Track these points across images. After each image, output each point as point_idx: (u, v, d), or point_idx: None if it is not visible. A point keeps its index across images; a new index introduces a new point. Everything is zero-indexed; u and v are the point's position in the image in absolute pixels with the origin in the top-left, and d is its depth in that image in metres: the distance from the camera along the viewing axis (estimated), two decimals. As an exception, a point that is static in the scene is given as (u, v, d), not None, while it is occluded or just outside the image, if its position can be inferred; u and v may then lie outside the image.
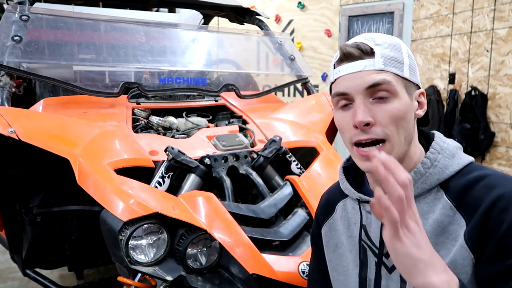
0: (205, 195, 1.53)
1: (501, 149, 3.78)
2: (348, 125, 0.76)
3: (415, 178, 0.76)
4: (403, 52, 0.77)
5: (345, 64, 0.77)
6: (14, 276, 2.83)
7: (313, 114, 2.32)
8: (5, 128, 1.47)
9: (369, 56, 0.75)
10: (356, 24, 4.69)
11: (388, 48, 0.76)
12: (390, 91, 0.73)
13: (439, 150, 0.78)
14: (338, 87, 0.78)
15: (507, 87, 3.64)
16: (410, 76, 0.76)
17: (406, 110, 0.74)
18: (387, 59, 0.74)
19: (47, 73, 1.95)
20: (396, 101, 0.73)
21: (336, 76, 0.79)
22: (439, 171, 0.76)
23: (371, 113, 0.73)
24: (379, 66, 0.74)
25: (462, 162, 0.77)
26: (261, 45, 2.83)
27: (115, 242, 1.33)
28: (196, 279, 1.40)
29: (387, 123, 0.73)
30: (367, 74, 0.74)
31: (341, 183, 0.91)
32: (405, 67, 0.76)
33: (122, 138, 1.72)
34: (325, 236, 0.96)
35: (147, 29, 2.33)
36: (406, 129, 0.75)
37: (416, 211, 0.61)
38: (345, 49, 0.76)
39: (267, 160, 1.82)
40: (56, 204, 1.79)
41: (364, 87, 0.73)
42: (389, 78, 0.73)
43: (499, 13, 3.63)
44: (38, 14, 1.98)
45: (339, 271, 0.91)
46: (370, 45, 0.75)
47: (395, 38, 0.79)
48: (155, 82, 2.33)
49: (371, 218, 0.83)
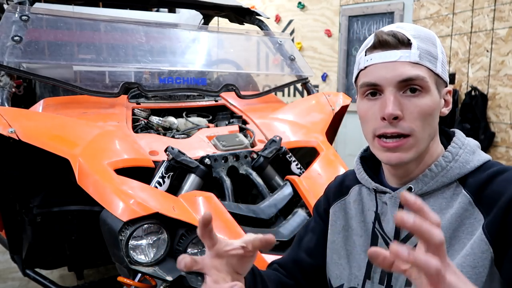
0: (205, 195, 1.53)
1: (501, 149, 3.78)
2: (373, 115, 0.74)
3: (436, 172, 0.75)
4: (438, 47, 0.75)
5: (379, 52, 0.73)
6: (14, 276, 2.83)
7: (313, 114, 2.32)
8: (5, 128, 1.47)
9: (405, 47, 0.72)
10: (356, 24, 4.69)
11: (424, 41, 0.73)
12: (422, 87, 0.71)
13: (460, 145, 0.77)
14: (369, 76, 0.74)
15: (507, 87, 3.64)
16: (442, 72, 0.75)
17: (435, 107, 0.73)
18: (423, 52, 0.72)
19: (47, 73, 1.95)
20: (427, 97, 0.72)
21: (368, 64, 0.74)
22: (460, 165, 0.75)
23: (401, 106, 0.71)
24: (415, 59, 0.71)
25: (481, 159, 0.76)
26: (261, 45, 2.83)
27: (115, 242, 1.33)
28: (196, 279, 1.40)
29: (415, 118, 0.71)
30: (401, 66, 0.71)
31: (357, 173, 0.89)
32: (438, 62, 0.74)
33: (122, 138, 1.72)
34: (333, 215, 0.92)
35: (147, 29, 2.33)
36: (432, 126, 0.74)
37: (449, 262, 0.48)
38: (381, 36, 0.73)
39: (267, 160, 1.82)
40: (56, 204, 1.79)
41: (398, 79, 0.71)
42: (423, 74, 0.71)
43: (499, 13, 3.63)
44: (38, 14, 1.98)
45: (340, 254, 0.88)
46: (407, 35, 0.72)
47: (430, 31, 0.77)
48: (155, 82, 2.34)
49: (386, 209, 0.81)
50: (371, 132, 0.75)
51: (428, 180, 0.75)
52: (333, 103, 2.35)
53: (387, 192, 0.80)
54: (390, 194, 0.80)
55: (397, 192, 0.78)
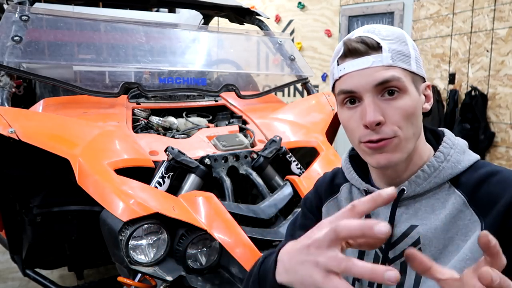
0: (205, 195, 1.53)
1: (501, 149, 3.78)
2: (356, 124, 0.73)
3: (428, 172, 0.74)
4: (409, 44, 0.74)
5: (351, 60, 0.72)
6: (14, 276, 2.83)
7: (313, 114, 2.32)
8: (5, 128, 1.47)
9: (375, 52, 0.71)
10: (356, 24, 4.69)
11: (394, 41, 0.72)
12: (399, 88, 0.70)
13: (451, 145, 0.77)
14: (344, 85, 0.73)
15: (507, 87, 3.64)
16: (417, 69, 0.74)
17: (415, 105, 0.72)
18: (394, 53, 0.71)
19: (47, 73, 1.95)
20: (406, 98, 0.71)
21: (341, 73, 0.74)
22: (452, 165, 0.74)
23: (381, 111, 0.70)
24: (388, 62, 0.70)
25: (472, 159, 0.76)
26: (261, 45, 2.83)
27: (115, 242, 1.33)
28: (196, 279, 1.40)
29: (397, 120, 0.70)
30: (375, 71, 0.70)
31: (346, 173, 0.87)
32: (412, 60, 0.73)
33: (122, 138, 1.72)
34: (326, 214, 0.90)
35: (147, 29, 2.33)
36: (415, 125, 0.73)
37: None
38: (350, 44, 0.72)
39: (267, 160, 1.82)
40: (56, 204, 1.79)
41: (373, 84, 0.70)
42: (398, 74, 0.70)
43: (499, 13, 3.63)
44: (38, 14, 1.98)
45: None
46: (375, 39, 0.71)
47: (398, 29, 0.76)
48: (155, 82, 2.33)
49: (378, 211, 0.79)
50: (356, 139, 0.74)
51: (421, 182, 0.74)
52: (333, 103, 2.35)
53: None
54: None
55: None
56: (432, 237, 0.71)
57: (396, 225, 0.76)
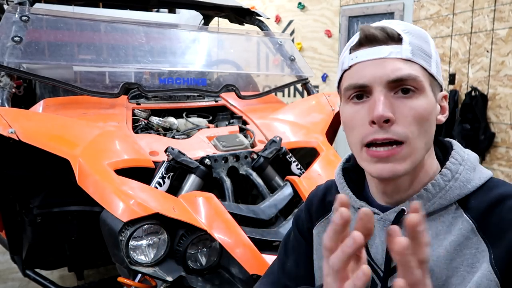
0: (205, 195, 1.53)
1: (501, 149, 3.77)
2: (360, 121, 0.63)
3: (433, 192, 0.65)
4: (431, 45, 0.66)
5: (366, 48, 0.63)
6: (14, 277, 2.83)
7: (313, 114, 2.32)
8: (5, 129, 1.47)
9: (395, 42, 0.63)
10: (356, 25, 4.69)
11: (416, 36, 0.64)
12: (416, 87, 0.62)
13: (460, 161, 0.67)
14: (354, 77, 0.64)
15: (507, 87, 3.64)
16: (437, 73, 0.66)
17: (431, 111, 0.63)
18: (415, 48, 0.63)
19: (47, 73, 1.95)
20: (422, 99, 0.62)
21: (353, 62, 0.64)
22: (461, 185, 0.65)
23: (392, 108, 0.61)
24: (407, 55, 0.62)
25: (483, 177, 0.67)
26: (261, 46, 2.83)
27: (115, 242, 1.33)
28: (196, 279, 1.40)
29: (409, 122, 0.61)
30: (392, 63, 0.62)
31: (340, 188, 0.78)
32: (432, 61, 0.65)
33: (122, 138, 1.72)
34: (317, 236, 0.81)
35: (147, 30, 2.33)
36: (428, 133, 0.64)
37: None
38: (368, 31, 0.63)
39: (267, 161, 1.82)
40: (56, 205, 1.79)
41: (388, 79, 0.61)
42: (416, 72, 0.62)
43: (499, 13, 3.63)
44: (38, 15, 1.98)
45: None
46: (397, 30, 0.64)
47: (421, 29, 0.68)
48: (155, 83, 2.33)
49: (374, 232, 0.67)
50: (358, 141, 0.64)
51: (424, 202, 0.65)
52: (333, 104, 2.35)
53: (375, 213, 0.68)
54: (379, 215, 0.69)
55: (387, 214, 0.68)
56: (434, 266, 0.63)
57: None
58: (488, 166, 3.86)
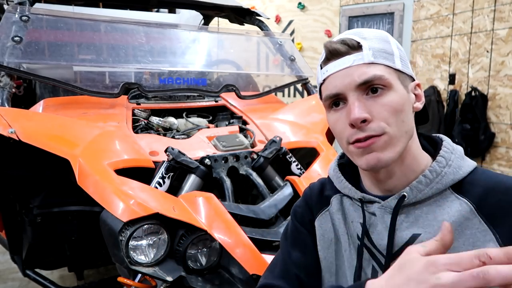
0: (205, 195, 1.53)
1: (501, 149, 3.78)
2: (343, 124, 0.72)
3: (431, 178, 0.71)
4: (392, 43, 0.74)
5: (333, 62, 0.72)
6: (14, 277, 2.83)
7: (313, 114, 2.32)
8: (5, 129, 1.47)
9: (356, 51, 0.71)
10: (356, 25, 4.69)
11: (375, 40, 0.72)
12: (383, 84, 0.69)
13: (451, 150, 0.75)
14: (328, 88, 0.73)
15: (507, 87, 3.64)
16: (403, 67, 0.73)
17: (403, 102, 0.70)
18: (376, 51, 0.71)
19: (47, 73, 1.95)
20: (392, 94, 0.70)
21: (325, 76, 0.74)
22: (454, 171, 0.72)
23: (367, 109, 0.69)
24: (369, 59, 0.70)
25: (471, 165, 0.74)
26: (261, 46, 2.83)
27: (115, 242, 1.33)
28: (196, 279, 1.40)
29: (384, 117, 0.68)
30: (356, 69, 0.69)
31: (337, 182, 0.84)
32: (395, 58, 0.72)
33: (122, 138, 1.72)
34: (319, 228, 0.86)
35: (147, 30, 2.33)
36: (406, 122, 0.70)
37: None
38: (330, 47, 0.72)
39: (267, 161, 1.82)
40: (56, 205, 1.79)
41: (356, 84, 0.69)
42: (380, 73, 0.69)
43: (499, 13, 3.63)
44: (38, 15, 1.98)
45: (331, 272, 0.83)
46: (356, 39, 0.71)
47: (381, 31, 0.75)
48: (155, 83, 2.33)
49: (375, 220, 0.76)
50: (345, 141, 0.73)
51: (423, 187, 0.71)
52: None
53: (375, 202, 0.76)
54: (380, 203, 0.75)
55: (388, 201, 0.74)
56: None
57: (396, 234, 0.72)
58: (488, 166, 3.86)
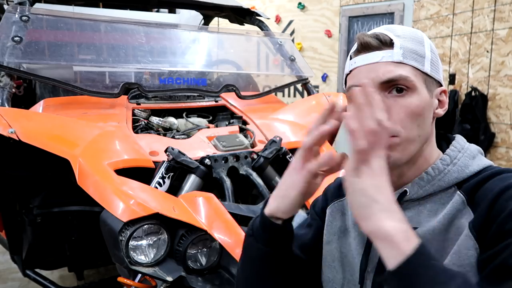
0: (205, 195, 1.53)
1: (501, 149, 3.78)
2: None
3: (433, 175, 0.72)
4: (426, 45, 0.73)
5: (362, 54, 0.73)
6: (14, 277, 2.83)
7: (313, 114, 2.32)
8: (5, 129, 1.47)
9: (387, 47, 0.71)
10: (356, 25, 4.70)
11: (409, 40, 0.72)
12: (408, 86, 0.69)
13: (459, 149, 0.75)
14: (353, 79, 0.74)
15: (507, 87, 3.64)
16: (432, 71, 0.72)
17: (424, 106, 0.70)
18: (407, 51, 0.70)
19: (47, 73, 1.95)
20: (414, 97, 0.69)
21: (352, 67, 0.74)
22: (459, 169, 0.72)
23: (386, 107, 0.66)
24: (398, 58, 0.70)
25: (482, 164, 0.74)
26: (261, 46, 2.83)
27: (115, 242, 1.33)
28: (196, 279, 1.40)
29: (401, 118, 0.68)
30: (383, 66, 0.70)
31: None
32: (426, 61, 0.72)
33: (122, 138, 1.72)
34: (329, 215, 0.89)
35: (147, 30, 2.33)
36: (422, 127, 0.70)
37: (384, 157, 0.60)
38: (362, 39, 0.72)
39: (267, 161, 1.82)
40: (56, 205, 1.79)
41: (380, 81, 0.69)
42: (406, 74, 0.69)
43: (499, 13, 3.63)
44: (38, 15, 1.98)
45: (334, 257, 0.85)
46: (389, 35, 0.71)
47: (418, 31, 0.75)
48: (155, 83, 2.34)
49: None
50: None
51: (424, 184, 0.72)
52: (333, 104, 2.35)
53: None
54: None
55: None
56: (431, 239, 0.68)
57: None
58: (488, 166, 3.86)
